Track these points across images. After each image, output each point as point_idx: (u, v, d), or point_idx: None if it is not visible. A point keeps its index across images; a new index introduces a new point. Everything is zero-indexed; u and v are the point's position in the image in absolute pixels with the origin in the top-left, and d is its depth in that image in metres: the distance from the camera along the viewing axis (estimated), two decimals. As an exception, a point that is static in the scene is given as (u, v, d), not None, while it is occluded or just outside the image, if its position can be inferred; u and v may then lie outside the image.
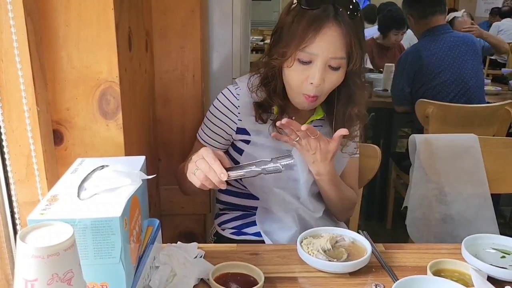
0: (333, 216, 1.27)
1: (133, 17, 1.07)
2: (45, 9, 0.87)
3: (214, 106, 1.19)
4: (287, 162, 0.96)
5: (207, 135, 1.20)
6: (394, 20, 3.41)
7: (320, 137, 1.04)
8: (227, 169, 0.94)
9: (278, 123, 1.02)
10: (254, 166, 0.97)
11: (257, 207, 1.22)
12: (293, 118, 1.07)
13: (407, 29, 3.51)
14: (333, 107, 1.15)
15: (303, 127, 1.00)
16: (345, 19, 1.01)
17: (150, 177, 0.80)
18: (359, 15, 1.04)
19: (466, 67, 2.38)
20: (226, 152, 1.24)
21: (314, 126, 1.15)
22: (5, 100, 0.83)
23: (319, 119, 1.20)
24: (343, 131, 1.04)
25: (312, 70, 1.03)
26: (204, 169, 0.94)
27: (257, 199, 1.21)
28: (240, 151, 1.19)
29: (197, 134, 1.24)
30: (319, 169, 1.09)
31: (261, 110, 1.15)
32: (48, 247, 0.51)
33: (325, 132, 1.13)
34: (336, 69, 1.04)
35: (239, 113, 1.16)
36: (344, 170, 1.24)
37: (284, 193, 1.18)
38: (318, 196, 1.23)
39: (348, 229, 1.10)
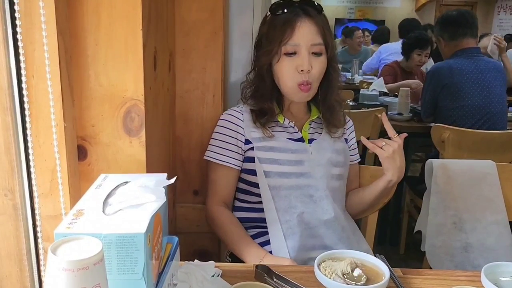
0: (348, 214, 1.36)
1: (159, 37, 1.09)
2: (76, 29, 0.90)
3: (221, 126, 1.28)
4: None
5: (219, 153, 1.25)
6: (417, 40, 3.46)
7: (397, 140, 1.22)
8: None
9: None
10: None
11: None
12: (293, 123, 1.27)
13: (430, 51, 3.53)
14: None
15: (403, 135, 1.22)
16: (314, 13, 1.20)
17: (172, 180, 0.80)
18: (323, 12, 1.23)
19: (494, 92, 2.37)
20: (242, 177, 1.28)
21: (312, 126, 1.32)
22: (34, 116, 0.85)
23: (315, 120, 1.33)
24: (405, 134, 1.23)
25: (299, 59, 1.18)
26: None
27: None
28: (255, 160, 1.24)
29: (207, 157, 1.27)
30: (401, 173, 1.23)
31: (260, 114, 1.26)
32: (79, 261, 0.52)
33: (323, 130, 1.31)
34: (318, 54, 1.20)
35: (246, 126, 1.26)
36: (349, 176, 1.37)
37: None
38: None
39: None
